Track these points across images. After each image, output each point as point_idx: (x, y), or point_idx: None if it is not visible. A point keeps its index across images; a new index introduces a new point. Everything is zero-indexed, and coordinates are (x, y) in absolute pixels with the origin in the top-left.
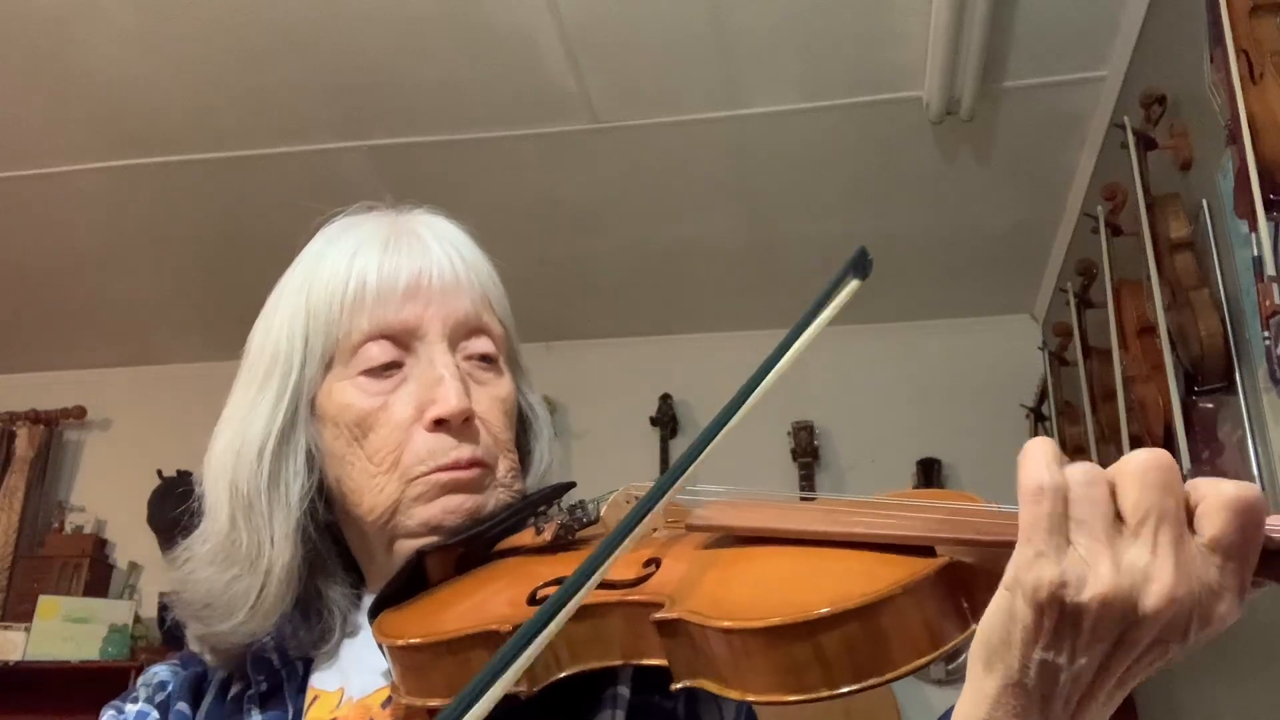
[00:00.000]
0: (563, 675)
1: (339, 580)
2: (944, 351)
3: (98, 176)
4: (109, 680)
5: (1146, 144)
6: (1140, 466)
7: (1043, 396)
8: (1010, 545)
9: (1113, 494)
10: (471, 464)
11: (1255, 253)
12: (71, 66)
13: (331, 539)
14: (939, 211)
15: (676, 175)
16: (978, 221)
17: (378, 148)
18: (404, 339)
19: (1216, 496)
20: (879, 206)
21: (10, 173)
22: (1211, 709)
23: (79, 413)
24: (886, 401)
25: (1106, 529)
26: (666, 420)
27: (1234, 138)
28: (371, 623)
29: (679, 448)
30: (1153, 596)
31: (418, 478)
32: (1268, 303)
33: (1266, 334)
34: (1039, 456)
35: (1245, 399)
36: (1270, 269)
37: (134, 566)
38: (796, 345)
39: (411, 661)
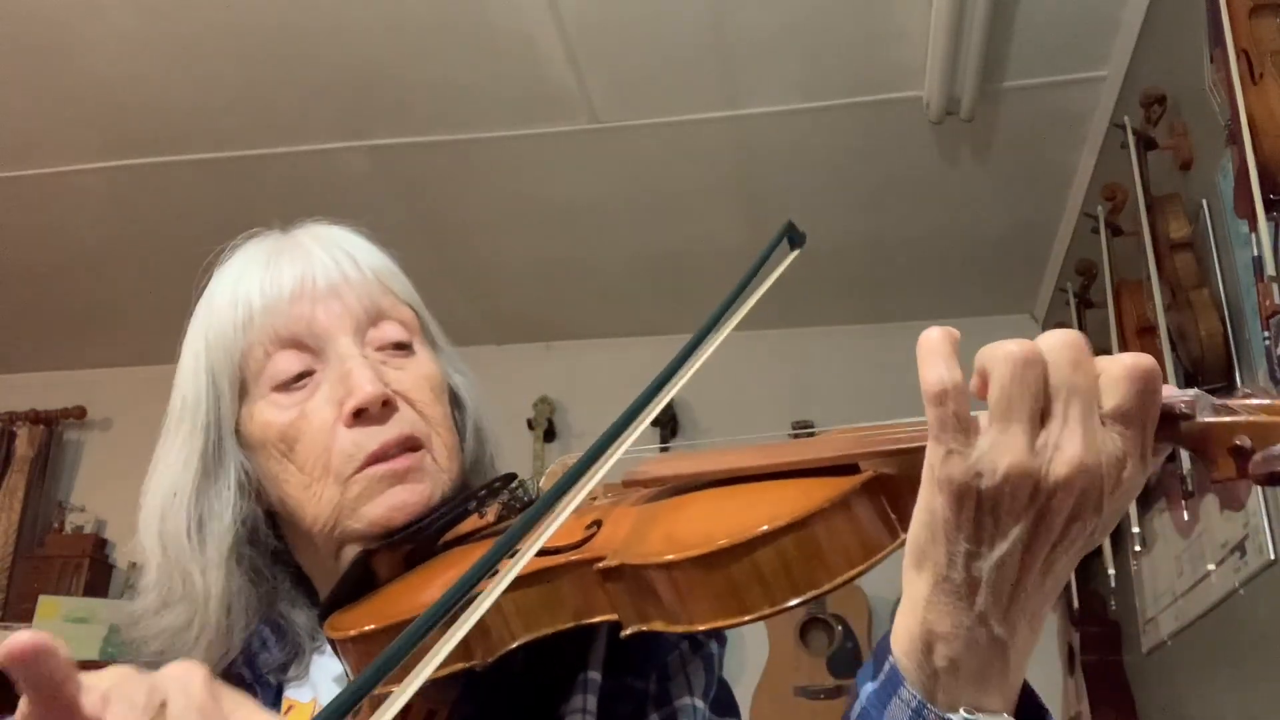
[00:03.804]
0: (516, 644)
1: (300, 603)
2: None
3: (98, 176)
4: None
5: (1146, 144)
6: (1053, 345)
7: None
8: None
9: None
10: (401, 445)
11: (1255, 253)
12: (71, 66)
13: (284, 566)
14: (939, 211)
15: (676, 175)
16: (978, 221)
17: (378, 148)
18: (306, 344)
19: (1116, 367)
20: (879, 206)
21: (10, 173)
22: (1212, 709)
23: (79, 413)
24: (886, 401)
25: (1021, 413)
26: (666, 420)
27: (1234, 138)
28: (322, 625)
29: (680, 448)
30: (1062, 465)
31: (352, 475)
32: (1268, 303)
33: (1266, 334)
34: (936, 353)
35: None
36: (1270, 269)
37: (134, 566)
38: (727, 318)
39: (364, 650)
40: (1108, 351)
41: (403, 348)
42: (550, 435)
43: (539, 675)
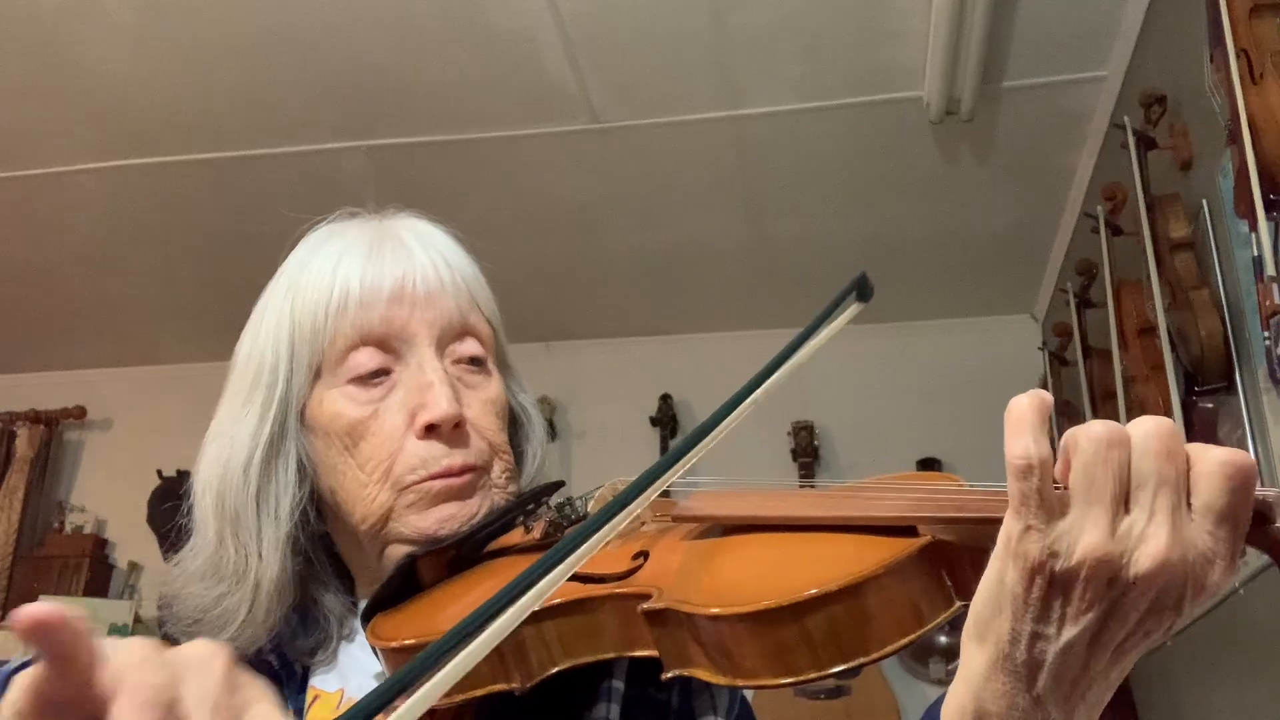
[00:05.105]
0: (556, 670)
1: (333, 588)
2: (944, 351)
3: (98, 176)
4: None
5: (1146, 144)
6: (1144, 434)
7: None
8: (990, 521)
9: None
10: (464, 470)
11: (1255, 253)
12: (71, 66)
13: (324, 548)
14: (939, 211)
15: (676, 175)
16: (978, 221)
17: (378, 148)
18: (391, 344)
19: (1209, 462)
20: (879, 206)
21: (10, 173)
22: (1211, 709)
23: (79, 413)
24: (886, 401)
25: (1103, 494)
26: (666, 420)
27: (1234, 138)
28: (365, 627)
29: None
30: (1145, 560)
31: (409, 486)
32: (1268, 303)
33: (1266, 334)
34: (1024, 424)
35: (1245, 399)
36: (1270, 269)
37: (134, 566)
38: (794, 360)
39: (402, 661)
40: (1108, 352)
41: (478, 363)
42: (550, 435)
43: (564, 680)
